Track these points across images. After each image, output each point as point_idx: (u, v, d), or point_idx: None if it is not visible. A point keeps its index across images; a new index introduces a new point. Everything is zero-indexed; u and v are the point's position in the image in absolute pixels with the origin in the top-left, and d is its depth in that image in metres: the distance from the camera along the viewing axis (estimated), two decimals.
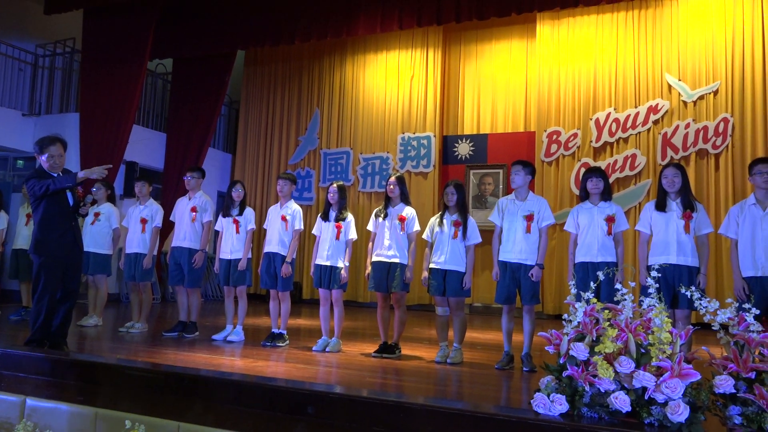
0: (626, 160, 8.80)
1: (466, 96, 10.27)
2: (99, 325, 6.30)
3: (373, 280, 5.10)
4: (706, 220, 4.39)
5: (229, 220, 5.78)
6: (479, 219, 6.28)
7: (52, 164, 4.43)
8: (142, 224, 6.21)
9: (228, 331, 5.69)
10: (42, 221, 4.39)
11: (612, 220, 4.52)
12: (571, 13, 9.16)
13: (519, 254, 4.66)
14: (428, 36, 10.18)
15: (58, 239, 4.40)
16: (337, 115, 10.83)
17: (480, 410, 2.94)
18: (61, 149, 4.47)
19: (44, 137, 4.51)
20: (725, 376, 2.66)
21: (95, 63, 9.13)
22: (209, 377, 3.55)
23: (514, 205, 4.77)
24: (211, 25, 9.55)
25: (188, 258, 5.85)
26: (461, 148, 10.08)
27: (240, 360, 4.69)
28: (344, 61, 10.87)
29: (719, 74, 8.43)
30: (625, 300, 2.92)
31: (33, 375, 3.84)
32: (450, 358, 4.79)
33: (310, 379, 3.97)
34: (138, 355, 4.55)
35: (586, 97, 9.16)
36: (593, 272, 4.35)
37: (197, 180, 6.04)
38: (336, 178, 10.28)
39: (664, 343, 2.73)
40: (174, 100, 10.56)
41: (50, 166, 4.43)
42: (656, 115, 8.72)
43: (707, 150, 8.40)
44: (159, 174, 10.19)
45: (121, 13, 8.97)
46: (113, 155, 8.74)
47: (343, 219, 5.31)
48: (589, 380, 2.71)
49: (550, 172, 9.24)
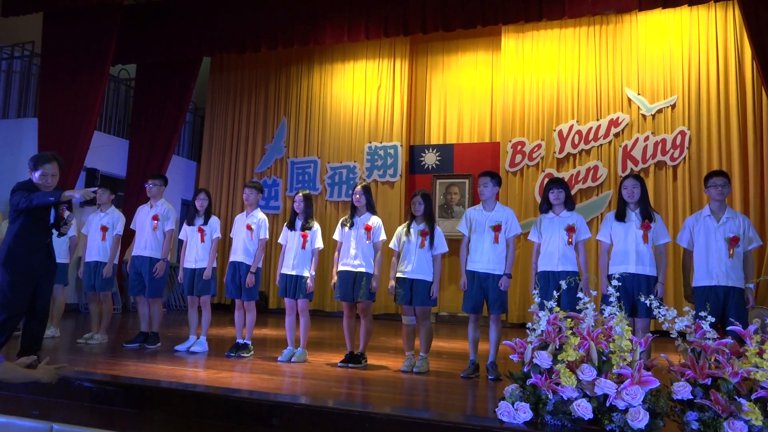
0: (588, 172, 9.00)
1: (432, 106, 10.36)
2: (56, 337, 6.11)
3: (339, 290, 5.08)
4: (664, 230, 4.51)
5: (193, 228, 5.69)
6: (445, 228, 6.33)
7: (44, 182, 4.31)
8: (102, 232, 6.07)
9: (191, 342, 5.59)
10: (18, 236, 4.26)
11: (572, 229, 4.61)
12: (535, 27, 9.35)
13: (487, 264, 4.71)
14: (395, 46, 10.26)
15: (30, 256, 4.26)
16: (304, 124, 10.80)
17: (446, 419, 2.96)
18: (56, 168, 4.35)
19: (40, 154, 4.41)
20: (683, 383, 2.73)
21: (55, 67, 8.91)
22: (171, 389, 3.48)
23: (482, 216, 4.82)
24: (175, 30, 9.42)
25: (149, 267, 5.73)
26: (428, 157, 10.16)
27: (203, 371, 4.60)
28: (312, 70, 10.86)
29: (677, 88, 8.72)
30: (586, 309, 2.98)
31: None
32: (416, 367, 4.80)
33: (275, 390, 3.93)
34: (97, 367, 4.43)
35: (550, 109, 9.35)
36: (555, 281, 4.41)
37: (159, 188, 5.93)
38: (303, 187, 10.24)
39: (624, 350, 2.80)
40: (137, 106, 10.36)
41: (42, 184, 4.31)
42: (617, 128, 8.95)
43: (665, 162, 8.66)
44: (121, 181, 9.97)
45: (82, 16, 8.78)
46: (73, 161, 8.53)
47: (309, 228, 5.28)
48: (552, 388, 2.75)
49: (515, 182, 9.38)
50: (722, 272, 4.25)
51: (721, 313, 4.14)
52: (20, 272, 4.23)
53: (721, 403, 2.62)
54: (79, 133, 8.63)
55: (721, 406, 2.62)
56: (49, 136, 8.70)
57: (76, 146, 8.60)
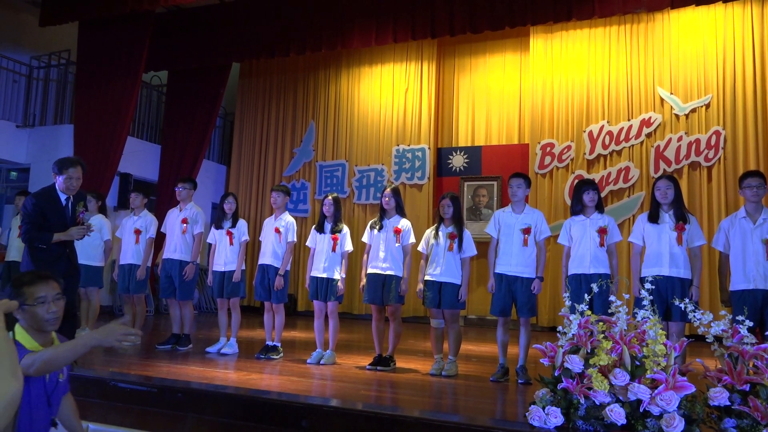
0: (620, 173, 8.85)
1: (460, 108, 10.32)
2: None
3: (368, 293, 5.09)
4: (699, 232, 4.41)
5: (222, 232, 5.76)
6: (473, 231, 6.29)
7: (68, 186, 4.37)
8: (135, 235, 6.19)
9: (222, 344, 5.66)
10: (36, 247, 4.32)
11: (604, 231, 4.54)
12: (564, 27, 9.24)
13: (516, 267, 4.67)
14: (423, 49, 10.25)
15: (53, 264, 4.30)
16: (332, 128, 10.86)
17: (475, 423, 2.93)
18: (80, 172, 4.42)
19: (65, 158, 4.46)
20: (720, 389, 2.66)
21: (90, 75, 9.13)
22: (202, 390, 3.52)
23: (511, 218, 4.78)
24: (206, 37, 9.58)
25: (179, 270, 5.82)
26: (455, 160, 10.11)
27: (234, 373, 4.65)
28: (339, 74, 10.92)
29: (711, 87, 8.52)
30: (619, 312, 2.93)
31: None
32: (445, 370, 4.78)
33: (304, 392, 3.95)
34: (131, 368, 4.51)
35: (580, 109, 9.23)
36: (586, 284, 4.35)
37: (188, 191, 6.01)
38: (331, 190, 10.29)
39: (658, 355, 2.74)
40: (169, 111, 10.56)
41: (66, 188, 4.38)
42: (649, 128, 8.79)
43: (699, 162, 8.46)
44: (153, 186, 10.17)
45: (116, 25, 8.99)
46: (107, 166, 8.73)
47: (339, 231, 5.31)
48: (584, 393, 2.71)
49: (544, 184, 9.28)
50: (760, 275, 4.13)
51: (759, 317, 4.02)
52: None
53: (760, 410, 2.55)
54: (113, 138, 8.83)
55: (761, 412, 2.55)
56: (85, 141, 8.92)
57: (110, 151, 8.80)
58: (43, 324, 2.25)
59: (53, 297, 2.28)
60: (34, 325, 2.25)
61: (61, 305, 2.30)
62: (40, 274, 2.33)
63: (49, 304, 2.25)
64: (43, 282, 2.28)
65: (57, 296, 2.29)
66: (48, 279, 2.30)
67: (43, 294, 2.26)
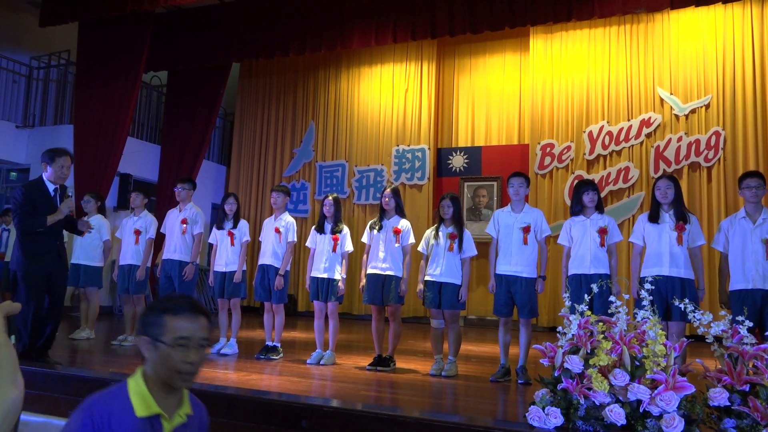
0: (619, 173, 8.85)
1: (460, 108, 10.32)
2: (91, 338, 6.25)
3: (368, 293, 5.09)
4: (700, 232, 4.42)
5: (223, 232, 5.76)
6: (473, 231, 6.28)
7: (59, 174, 4.49)
8: (135, 236, 6.19)
9: (222, 344, 5.66)
10: (28, 239, 4.37)
11: (605, 231, 4.54)
12: (564, 28, 9.24)
13: (515, 266, 4.67)
14: (422, 49, 10.25)
15: (44, 255, 4.38)
16: (332, 128, 10.86)
17: (475, 424, 2.93)
18: (69, 162, 4.55)
19: (55, 149, 4.57)
20: (720, 389, 2.66)
21: (90, 75, 9.13)
22: (202, 390, 3.52)
23: (510, 217, 4.78)
24: (205, 37, 9.58)
25: (179, 270, 5.82)
26: (455, 160, 10.12)
27: (233, 373, 4.65)
28: (339, 74, 10.92)
29: (710, 88, 8.52)
30: (619, 312, 2.93)
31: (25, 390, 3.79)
32: (445, 370, 4.78)
33: (304, 392, 3.95)
34: (130, 369, 4.50)
35: (579, 110, 9.23)
36: (587, 285, 4.35)
37: (188, 191, 6.01)
38: (331, 191, 10.28)
39: (658, 355, 2.74)
40: (168, 112, 10.56)
41: (57, 177, 4.49)
42: (649, 128, 8.79)
43: (699, 163, 8.46)
44: (153, 186, 10.17)
45: (116, 25, 8.99)
46: (107, 167, 8.73)
47: (339, 231, 5.31)
48: (584, 393, 2.71)
49: (544, 185, 9.28)
50: (759, 275, 4.14)
51: (758, 317, 4.03)
52: (34, 273, 4.34)
53: (760, 410, 2.55)
54: (113, 138, 8.83)
55: (760, 413, 2.55)
56: (85, 142, 8.92)
57: (110, 152, 8.81)
58: (173, 377, 1.63)
59: (198, 341, 1.66)
60: (162, 373, 1.62)
61: (203, 355, 1.69)
62: (192, 303, 1.69)
63: (190, 349, 1.63)
64: (192, 316, 1.66)
65: (202, 341, 1.67)
66: (199, 314, 1.68)
67: (187, 334, 1.64)
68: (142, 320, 1.68)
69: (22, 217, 4.32)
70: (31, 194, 4.38)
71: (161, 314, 1.64)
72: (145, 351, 1.65)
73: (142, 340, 1.65)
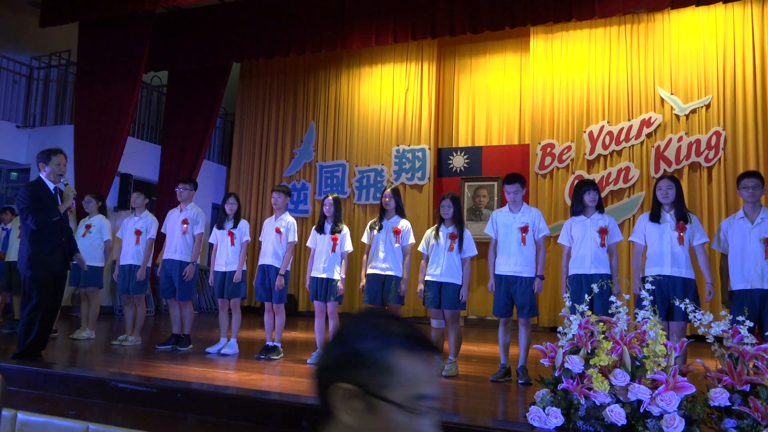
0: (620, 173, 8.85)
1: (460, 109, 10.32)
2: (92, 338, 6.25)
3: (368, 293, 5.09)
4: (702, 230, 4.42)
5: (224, 232, 5.76)
6: (474, 231, 6.28)
7: (57, 172, 4.55)
8: (136, 236, 6.19)
9: (222, 344, 5.66)
10: (34, 234, 4.38)
11: (605, 231, 4.54)
12: (564, 28, 9.24)
13: (514, 266, 4.67)
14: (423, 49, 10.25)
15: (52, 253, 4.41)
16: (332, 128, 10.86)
17: (475, 424, 2.93)
18: (64, 159, 4.63)
19: (47, 149, 4.64)
20: (720, 389, 2.66)
21: (90, 75, 9.13)
22: (203, 391, 3.52)
23: (509, 218, 4.78)
24: (206, 37, 9.58)
25: (179, 271, 5.82)
26: (456, 160, 10.11)
27: (234, 373, 4.65)
28: (340, 74, 10.92)
29: (711, 88, 8.51)
30: (619, 312, 2.93)
31: (25, 389, 3.80)
32: (445, 371, 4.77)
33: (304, 392, 3.94)
34: (131, 369, 4.51)
35: (580, 110, 9.23)
36: (587, 284, 4.35)
37: (189, 192, 6.02)
38: (331, 191, 10.28)
39: (658, 355, 2.73)
40: (169, 112, 10.56)
41: (55, 175, 4.55)
42: (649, 128, 8.79)
43: (700, 163, 8.46)
44: (153, 186, 10.17)
45: (116, 25, 9.00)
46: (108, 167, 8.73)
47: (338, 231, 5.31)
48: (584, 393, 2.71)
49: (544, 185, 9.28)
50: (757, 275, 4.14)
51: (757, 317, 4.03)
52: (44, 269, 4.37)
53: (760, 410, 2.55)
54: (114, 139, 8.84)
55: (761, 413, 2.54)
56: (85, 142, 8.93)
57: (111, 152, 8.81)
58: None
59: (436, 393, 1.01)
60: None
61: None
62: (426, 341, 1.01)
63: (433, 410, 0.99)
64: (430, 358, 1.01)
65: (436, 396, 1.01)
66: (434, 354, 1.03)
67: (432, 390, 0.99)
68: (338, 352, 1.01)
69: (35, 212, 4.36)
70: (35, 191, 4.44)
71: (388, 347, 0.95)
72: (346, 412, 0.96)
73: (339, 391, 0.98)
